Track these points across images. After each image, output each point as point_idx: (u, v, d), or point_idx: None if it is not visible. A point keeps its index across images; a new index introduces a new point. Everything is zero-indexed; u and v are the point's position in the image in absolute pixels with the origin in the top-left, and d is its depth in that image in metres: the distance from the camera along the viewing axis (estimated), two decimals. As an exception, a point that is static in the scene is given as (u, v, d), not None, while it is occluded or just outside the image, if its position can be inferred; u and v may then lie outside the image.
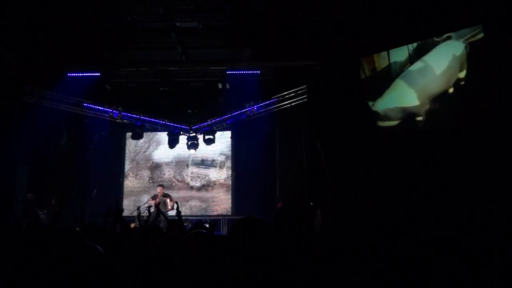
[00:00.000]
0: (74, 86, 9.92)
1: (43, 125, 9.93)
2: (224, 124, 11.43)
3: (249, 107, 10.73)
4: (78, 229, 4.42)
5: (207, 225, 5.73)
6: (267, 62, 9.57)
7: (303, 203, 9.10)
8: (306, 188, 9.38)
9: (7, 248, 2.92)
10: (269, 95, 10.60)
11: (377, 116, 8.01)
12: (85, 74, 9.75)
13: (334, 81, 8.53)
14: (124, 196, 11.89)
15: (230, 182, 11.83)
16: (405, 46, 7.69)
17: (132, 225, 8.50)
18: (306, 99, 9.81)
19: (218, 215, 11.39)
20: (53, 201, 10.45)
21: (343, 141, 8.17)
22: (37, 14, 7.71)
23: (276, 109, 10.70)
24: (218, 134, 11.59)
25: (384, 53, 7.97)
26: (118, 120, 11.14)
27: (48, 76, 9.98)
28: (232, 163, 11.96)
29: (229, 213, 11.50)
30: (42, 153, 10.49)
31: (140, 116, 11.13)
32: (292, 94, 10.28)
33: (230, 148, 12.05)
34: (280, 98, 10.52)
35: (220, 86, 10.16)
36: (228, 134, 11.96)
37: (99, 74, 9.76)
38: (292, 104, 10.32)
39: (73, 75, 9.79)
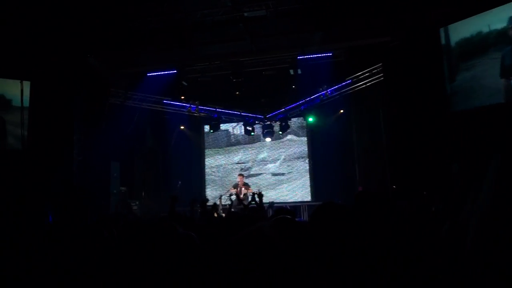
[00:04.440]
0: (154, 84, 10.53)
1: (129, 123, 10.70)
2: (298, 110, 11.36)
3: (322, 91, 10.53)
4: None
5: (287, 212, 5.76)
6: (339, 43, 9.29)
7: (385, 186, 8.78)
8: (387, 171, 9.03)
9: (106, 238, 3.17)
10: (342, 77, 10.30)
11: (460, 91, 7.37)
12: (163, 73, 10.28)
13: (412, 56, 8.04)
14: (206, 186, 12.42)
15: (308, 168, 11.78)
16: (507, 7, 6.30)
17: (215, 214, 8.86)
18: (382, 78, 9.39)
19: (298, 202, 11.42)
20: (143, 194, 11.25)
21: (423, 119, 7.71)
22: (116, 21, 8.25)
23: (351, 91, 10.37)
24: (293, 120, 11.57)
25: (472, 19, 7.02)
26: (196, 114, 11.60)
27: (130, 77, 10.68)
28: (308, 149, 11.90)
29: (308, 200, 11.49)
30: (130, 149, 11.30)
31: (216, 108, 11.48)
32: (367, 74, 9.89)
33: (306, 134, 11.98)
34: (355, 79, 10.17)
35: (291, 72, 10.08)
36: (302, 119, 11.89)
37: (175, 71, 10.22)
38: (368, 84, 9.93)
39: (153, 75, 10.38)
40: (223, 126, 12.05)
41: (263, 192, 6.11)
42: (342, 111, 11.03)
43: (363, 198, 2.27)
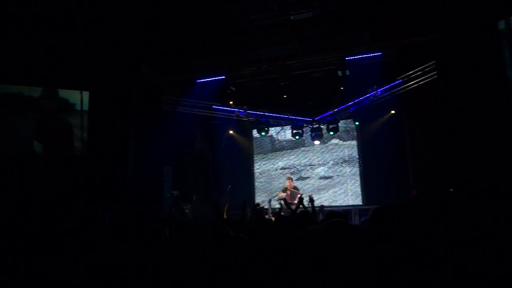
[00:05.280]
0: (203, 90, 10.78)
1: (180, 129, 11.02)
2: (348, 111, 11.15)
3: (372, 91, 10.26)
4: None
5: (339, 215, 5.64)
6: (388, 42, 9.01)
7: (442, 188, 8.39)
8: (443, 173, 8.62)
9: (162, 240, 3.26)
10: (393, 77, 9.99)
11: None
12: (212, 79, 10.50)
13: (468, 51, 7.64)
14: (256, 189, 12.50)
15: (358, 170, 11.53)
16: None
17: (266, 217, 8.88)
18: (435, 76, 9.00)
19: (349, 206, 11.19)
20: (194, 197, 11.53)
21: (483, 116, 7.29)
22: (167, 30, 8.55)
23: (402, 91, 10.02)
24: (342, 122, 11.37)
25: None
26: (244, 118, 11.72)
27: (181, 84, 11.00)
28: (358, 151, 11.64)
29: (360, 203, 11.23)
30: (181, 154, 11.62)
31: (264, 112, 11.54)
32: (419, 73, 9.52)
33: (356, 136, 11.74)
34: (406, 79, 9.83)
35: (340, 73, 9.91)
36: (352, 121, 11.66)
37: (224, 77, 10.40)
38: (420, 83, 9.55)
39: (202, 81, 10.62)
40: (271, 130, 12.08)
41: (312, 196, 6.05)
42: (393, 111, 10.69)
43: (421, 201, 2.18)
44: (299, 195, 9.46)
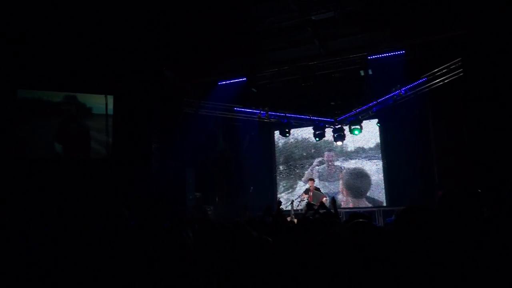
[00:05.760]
0: (225, 93, 10.83)
1: (202, 131, 11.10)
2: (370, 112, 10.98)
3: (395, 91, 10.05)
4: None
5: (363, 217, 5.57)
6: (412, 40, 8.85)
7: (469, 189, 8.16)
8: (470, 173, 8.39)
9: (185, 241, 3.27)
10: (417, 75, 9.78)
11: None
12: (233, 81, 10.54)
13: (495, 46, 7.42)
14: (278, 191, 12.47)
15: (382, 171, 11.35)
16: None
17: (288, 219, 8.84)
18: (461, 74, 8.77)
19: (372, 207, 11.03)
20: (216, 199, 11.59)
21: (510, 116, 7.06)
22: (188, 33, 8.64)
23: (427, 89, 9.80)
24: (365, 123, 11.22)
25: None
26: (266, 120, 11.71)
27: (203, 87, 11.09)
28: (381, 152, 11.47)
29: (383, 204, 11.05)
30: (203, 156, 11.71)
31: (286, 113, 11.49)
32: (444, 71, 9.29)
33: (379, 136, 11.57)
34: (431, 77, 9.61)
35: (362, 73, 9.79)
36: (375, 122, 11.49)
37: (245, 79, 10.43)
38: (445, 81, 9.33)
39: (223, 83, 10.68)
40: (293, 131, 12.03)
41: (335, 197, 5.99)
42: (417, 110, 10.49)
43: (450, 202, 2.11)
44: (323, 197, 9.40)
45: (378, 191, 11.32)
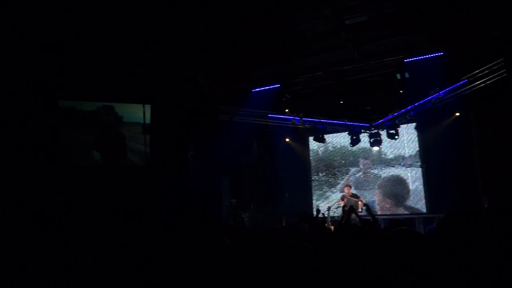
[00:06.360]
0: (259, 99, 10.88)
1: (237, 139, 11.19)
2: (408, 116, 10.70)
3: (434, 93, 9.75)
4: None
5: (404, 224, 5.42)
6: (450, 41, 8.56)
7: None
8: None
9: (219, 249, 3.30)
10: (457, 77, 9.45)
11: None
12: (267, 88, 10.58)
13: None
14: (313, 197, 12.34)
15: (421, 177, 11.00)
16: None
17: (325, 226, 8.72)
18: (505, 74, 8.40)
19: (412, 214, 10.70)
20: (252, 205, 11.61)
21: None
22: (222, 42, 8.76)
23: (468, 91, 9.45)
24: (402, 127, 10.95)
25: None
26: (300, 126, 11.65)
27: (237, 94, 11.20)
28: (420, 156, 11.13)
29: (423, 211, 10.70)
30: (238, 163, 11.79)
31: (320, 119, 11.40)
32: (486, 71, 8.93)
33: (417, 141, 11.24)
34: (471, 78, 9.25)
35: (398, 76, 9.57)
36: (413, 126, 11.19)
37: (279, 85, 10.44)
38: (487, 82, 8.96)
39: (257, 90, 10.74)
40: (327, 137, 11.91)
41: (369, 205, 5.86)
42: (458, 113, 10.12)
43: (500, 210, 2.02)
44: (358, 202, 9.21)
45: (417, 198, 10.97)
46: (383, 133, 10.89)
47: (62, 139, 9.21)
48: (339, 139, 12.27)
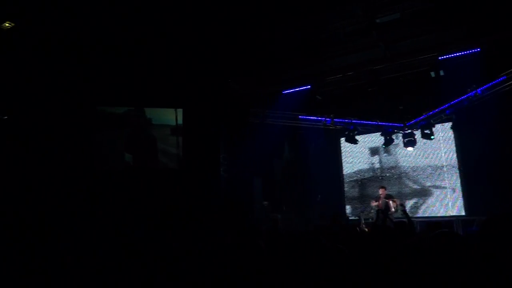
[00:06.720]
0: (290, 101, 10.86)
1: (268, 141, 11.20)
2: (443, 115, 10.37)
3: (471, 91, 9.41)
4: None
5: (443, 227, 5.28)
6: (488, 37, 8.26)
7: None
8: None
9: (253, 250, 3.31)
10: (495, 74, 9.09)
11: None
12: (297, 89, 10.54)
13: None
14: (346, 199, 12.19)
15: (458, 178, 10.65)
16: None
17: (358, 228, 8.60)
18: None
19: (450, 216, 10.37)
20: (284, 207, 11.59)
21: None
22: (252, 45, 8.82)
23: (508, 88, 9.06)
24: (437, 127, 10.64)
25: None
26: (331, 127, 11.52)
27: (267, 96, 11.23)
28: (457, 157, 10.78)
29: (462, 214, 10.35)
30: (270, 165, 11.80)
31: (352, 120, 11.24)
32: (526, 68, 8.56)
33: (453, 140, 10.90)
34: (511, 75, 8.89)
35: (433, 74, 9.30)
36: (448, 125, 10.85)
37: (310, 86, 10.39)
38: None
39: (288, 92, 10.73)
40: (359, 138, 11.73)
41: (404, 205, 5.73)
42: (496, 111, 9.74)
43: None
44: (393, 204, 9.02)
45: (455, 199, 10.63)
46: (417, 133, 10.62)
47: (97, 142, 9.51)
48: (371, 140, 12.06)
